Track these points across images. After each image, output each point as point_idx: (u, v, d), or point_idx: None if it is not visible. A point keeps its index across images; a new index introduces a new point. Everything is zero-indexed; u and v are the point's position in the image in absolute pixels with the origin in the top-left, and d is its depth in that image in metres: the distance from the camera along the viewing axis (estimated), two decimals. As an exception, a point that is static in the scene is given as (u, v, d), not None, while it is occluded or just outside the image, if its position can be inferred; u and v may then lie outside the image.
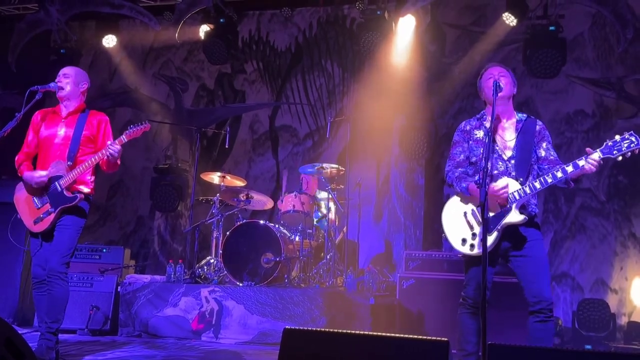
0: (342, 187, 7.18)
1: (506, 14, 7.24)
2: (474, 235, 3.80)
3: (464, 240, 3.82)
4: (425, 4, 7.63)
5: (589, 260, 7.28)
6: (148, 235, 9.08)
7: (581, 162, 3.61)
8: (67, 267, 4.48)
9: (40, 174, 4.48)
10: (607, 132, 7.43)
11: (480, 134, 3.97)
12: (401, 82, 7.93)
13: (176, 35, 8.51)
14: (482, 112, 4.09)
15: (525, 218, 3.73)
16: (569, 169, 3.64)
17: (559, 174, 3.64)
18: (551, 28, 7.12)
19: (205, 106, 9.25)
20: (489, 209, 3.51)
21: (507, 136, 3.92)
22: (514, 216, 3.72)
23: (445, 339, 2.53)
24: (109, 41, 8.76)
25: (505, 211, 3.73)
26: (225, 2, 8.32)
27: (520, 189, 3.72)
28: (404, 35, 7.84)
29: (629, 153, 3.57)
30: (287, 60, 8.97)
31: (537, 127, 3.95)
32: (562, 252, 7.39)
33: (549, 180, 3.67)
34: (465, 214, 3.89)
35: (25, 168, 4.63)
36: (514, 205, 3.72)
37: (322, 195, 7.12)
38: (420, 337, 2.60)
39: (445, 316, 5.87)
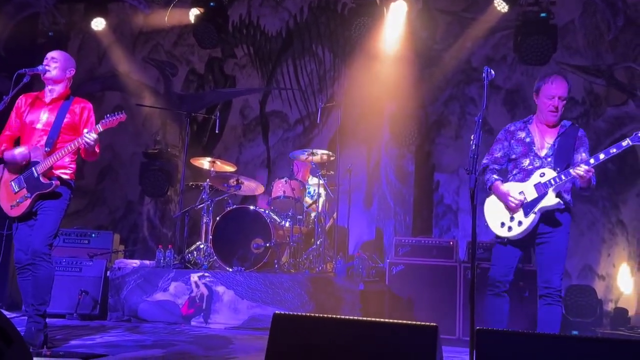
0: (333, 173, 7.18)
1: (497, 0, 7.22)
2: (511, 218, 4.18)
3: (502, 224, 4.21)
4: (417, -11, 7.59)
5: (577, 246, 7.32)
6: (137, 220, 9.05)
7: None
8: (50, 248, 4.48)
9: (20, 149, 4.47)
10: (596, 119, 7.46)
11: (522, 134, 4.35)
12: (392, 68, 7.90)
13: (166, 18, 8.44)
14: (530, 116, 4.42)
15: (560, 202, 4.07)
16: (601, 156, 3.94)
17: (592, 160, 3.95)
18: (542, 15, 7.10)
19: (195, 91, 9.20)
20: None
21: (548, 138, 4.28)
22: (550, 199, 4.05)
23: (434, 324, 2.54)
24: (98, 24, 8.65)
25: (542, 195, 4.07)
26: (215, -15, 8.24)
27: (556, 177, 4.04)
28: (395, 21, 7.80)
29: None
30: (278, 45, 8.92)
31: (579, 134, 4.28)
32: (550, 238, 7.42)
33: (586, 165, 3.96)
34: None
35: (5, 150, 4.60)
36: (550, 189, 4.04)
37: (313, 181, 7.12)
38: (409, 322, 2.61)
39: (435, 302, 5.90)
